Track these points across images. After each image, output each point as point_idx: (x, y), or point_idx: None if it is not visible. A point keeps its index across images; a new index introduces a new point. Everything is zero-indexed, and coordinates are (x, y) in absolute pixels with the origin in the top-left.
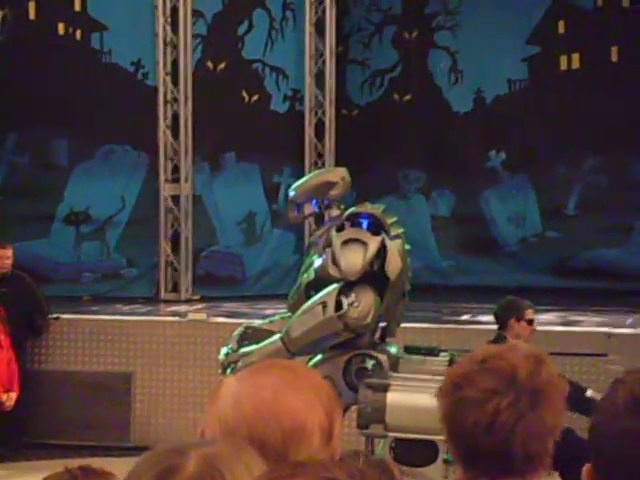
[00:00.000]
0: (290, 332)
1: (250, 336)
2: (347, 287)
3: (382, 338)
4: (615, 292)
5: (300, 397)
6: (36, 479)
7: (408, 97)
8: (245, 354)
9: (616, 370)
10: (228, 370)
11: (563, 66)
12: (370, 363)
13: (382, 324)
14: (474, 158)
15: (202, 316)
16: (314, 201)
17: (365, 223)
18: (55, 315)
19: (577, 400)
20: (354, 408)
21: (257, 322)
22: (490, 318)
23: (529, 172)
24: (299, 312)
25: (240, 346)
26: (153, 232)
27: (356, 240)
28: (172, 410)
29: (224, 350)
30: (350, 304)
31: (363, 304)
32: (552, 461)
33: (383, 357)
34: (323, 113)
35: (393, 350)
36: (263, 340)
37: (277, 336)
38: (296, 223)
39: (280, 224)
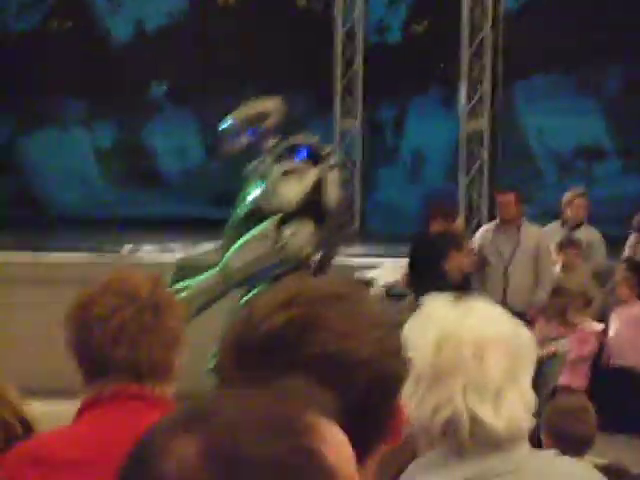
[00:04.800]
0: (229, 265)
1: (186, 270)
2: (286, 218)
3: (321, 268)
4: None
5: None
6: None
7: (69, 24)
8: (181, 289)
9: None
10: None
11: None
12: None
13: (320, 254)
14: (137, 89)
15: None
16: (249, 131)
17: (304, 154)
18: None
19: None
20: None
21: (191, 256)
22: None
23: (192, 104)
24: (238, 244)
25: (176, 281)
26: None
27: (294, 171)
28: None
29: None
30: (290, 235)
31: (302, 235)
32: None
33: None
34: None
35: None
36: (199, 274)
37: (214, 270)
38: (233, 153)
39: None
